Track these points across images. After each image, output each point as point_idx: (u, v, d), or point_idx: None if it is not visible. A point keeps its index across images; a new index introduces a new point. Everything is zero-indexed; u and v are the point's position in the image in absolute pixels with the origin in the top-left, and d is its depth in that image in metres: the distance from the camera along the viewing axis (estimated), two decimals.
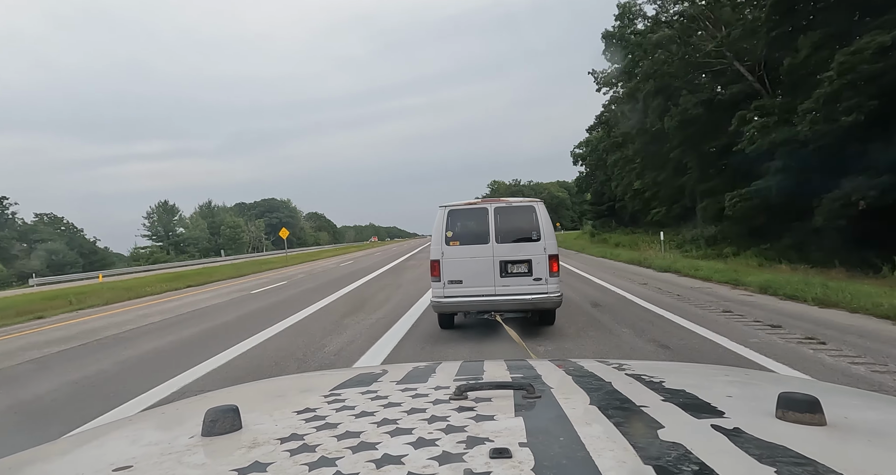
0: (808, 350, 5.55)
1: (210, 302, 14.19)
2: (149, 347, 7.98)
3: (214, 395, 1.35)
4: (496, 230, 6.66)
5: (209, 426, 0.89)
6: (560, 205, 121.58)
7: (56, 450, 1.02)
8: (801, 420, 0.82)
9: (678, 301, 9.33)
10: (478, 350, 6.19)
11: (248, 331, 8.40)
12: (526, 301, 6.54)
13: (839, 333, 6.23)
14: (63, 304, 16.15)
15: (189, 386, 5.47)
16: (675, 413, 0.90)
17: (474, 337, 6.93)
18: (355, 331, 7.95)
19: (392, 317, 8.87)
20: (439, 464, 0.69)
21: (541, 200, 7.03)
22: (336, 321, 8.96)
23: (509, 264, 6.62)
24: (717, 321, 7.30)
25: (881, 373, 4.61)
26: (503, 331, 6.14)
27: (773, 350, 5.57)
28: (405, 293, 12.40)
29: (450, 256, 6.68)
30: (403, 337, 7.22)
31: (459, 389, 1.02)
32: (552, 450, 0.72)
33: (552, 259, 6.56)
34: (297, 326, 8.77)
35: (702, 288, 11.17)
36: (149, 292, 18.66)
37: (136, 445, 0.96)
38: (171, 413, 1.24)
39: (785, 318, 7.31)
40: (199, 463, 0.79)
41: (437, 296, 6.76)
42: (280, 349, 7.02)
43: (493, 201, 6.87)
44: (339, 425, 0.89)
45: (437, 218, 6.78)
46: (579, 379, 1.19)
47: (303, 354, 6.60)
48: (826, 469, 0.65)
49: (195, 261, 55.11)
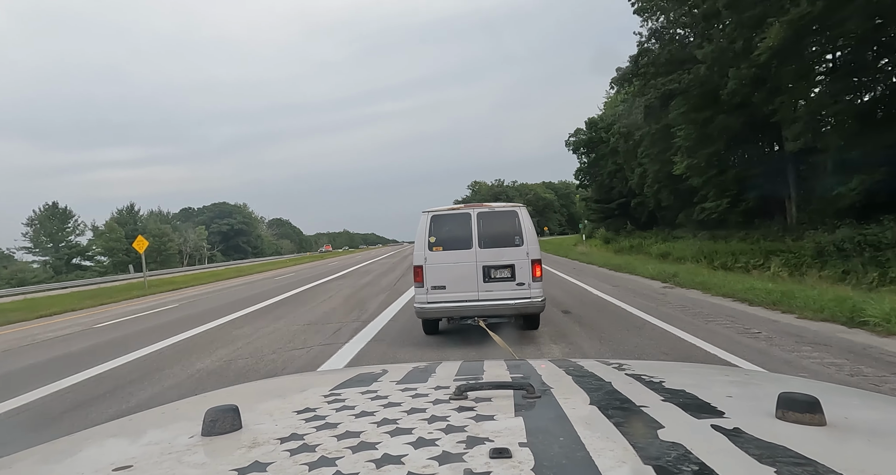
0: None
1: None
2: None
3: (214, 395, 1.35)
4: (479, 235, 6.67)
5: (209, 426, 0.89)
6: (547, 207, 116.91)
7: (56, 450, 1.02)
8: (801, 420, 0.82)
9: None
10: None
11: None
12: (509, 306, 6.56)
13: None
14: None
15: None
16: (675, 413, 0.90)
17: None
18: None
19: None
20: (439, 464, 0.69)
21: (523, 205, 7.04)
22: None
23: (492, 269, 6.63)
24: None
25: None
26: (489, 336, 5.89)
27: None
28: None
29: (433, 262, 6.68)
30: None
31: (459, 389, 1.02)
32: (552, 450, 0.72)
33: (535, 263, 6.60)
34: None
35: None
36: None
37: (136, 445, 0.97)
38: (171, 413, 1.24)
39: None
40: (199, 462, 0.79)
41: (420, 301, 6.77)
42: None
43: (476, 206, 6.88)
44: (339, 425, 0.89)
45: (420, 223, 6.78)
46: (579, 379, 1.19)
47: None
48: (826, 469, 0.65)
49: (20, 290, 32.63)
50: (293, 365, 6.44)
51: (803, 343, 6.13)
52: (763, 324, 7.33)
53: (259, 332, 9.11)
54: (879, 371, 4.91)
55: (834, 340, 6.19)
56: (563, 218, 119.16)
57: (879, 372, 4.88)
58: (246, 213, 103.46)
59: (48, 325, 13.70)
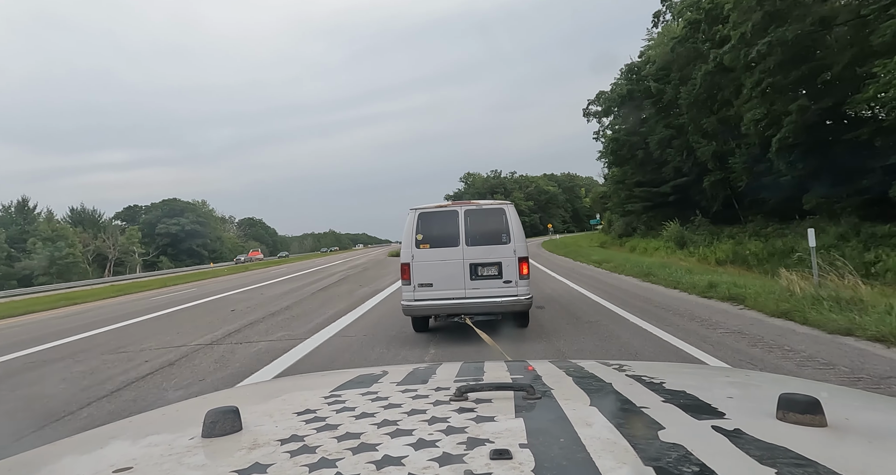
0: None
1: None
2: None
3: (215, 397, 1.36)
4: (466, 233, 6.70)
5: (209, 427, 0.89)
6: (551, 202, 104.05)
7: (56, 452, 1.02)
8: (802, 421, 0.82)
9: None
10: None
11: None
12: (496, 303, 6.57)
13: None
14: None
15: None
16: (676, 414, 0.90)
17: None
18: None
19: None
20: (440, 466, 0.69)
21: (511, 203, 7.07)
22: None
23: (479, 267, 6.65)
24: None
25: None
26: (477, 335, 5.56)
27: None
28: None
29: (420, 259, 6.70)
30: None
31: (460, 390, 1.02)
32: (552, 452, 0.72)
33: (522, 261, 6.61)
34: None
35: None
36: None
37: (137, 446, 0.97)
38: (171, 414, 1.24)
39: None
40: (200, 464, 0.79)
41: (407, 299, 6.78)
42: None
43: (464, 204, 6.91)
44: (339, 426, 0.89)
45: (408, 221, 6.80)
46: (580, 380, 1.19)
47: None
48: (826, 470, 0.65)
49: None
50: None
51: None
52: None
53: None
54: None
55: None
56: (568, 214, 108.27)
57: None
58: (202, 211, 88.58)
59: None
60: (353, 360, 6.24)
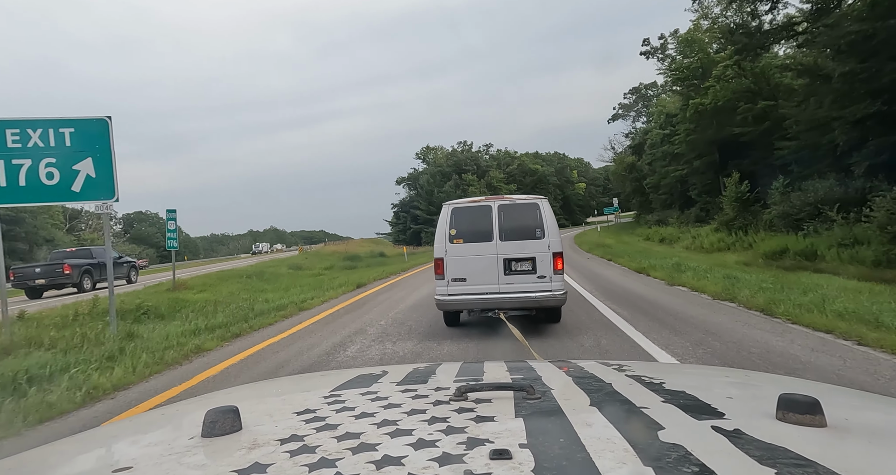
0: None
1: None
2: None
3: (214, 396, 1.35)
4: (500, 227, 6.72)
5: (209, 427, 0.89)
6: (539, 184, 77.99)
7: (56, 452, 1.02)
8: (802, 421, 0.82)
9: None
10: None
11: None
12: (530, 299, 6.56)
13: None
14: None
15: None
16: (676, 414, 0.90)
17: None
18: None
19: None
20: (439, 466, 0.69)
21: (545, 197, 7.07)
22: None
23: (513, 262, 6.65)
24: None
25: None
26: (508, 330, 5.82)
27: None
28: None
29: (453, 254, 6.72)
30: None
31: (459, 390, 1.02)
32: (552, 452, 0.72)
33: (556, 256, 6.59)
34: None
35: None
36: None
37: (136, 446, 0.97)
38: (171, 414, 1.24)
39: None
40: (200, 464, 0.79)
41: (440, 293, 6.80)
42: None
43: (497, 199, 6.95)
44: (339, 426, 0.89)
45: (441, 216, 6.86)
46: (579, 380, 1.19)
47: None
48: (826, 470, 0.64)
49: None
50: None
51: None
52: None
53: None
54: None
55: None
56: (558, 204, 78.76)
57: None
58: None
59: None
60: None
